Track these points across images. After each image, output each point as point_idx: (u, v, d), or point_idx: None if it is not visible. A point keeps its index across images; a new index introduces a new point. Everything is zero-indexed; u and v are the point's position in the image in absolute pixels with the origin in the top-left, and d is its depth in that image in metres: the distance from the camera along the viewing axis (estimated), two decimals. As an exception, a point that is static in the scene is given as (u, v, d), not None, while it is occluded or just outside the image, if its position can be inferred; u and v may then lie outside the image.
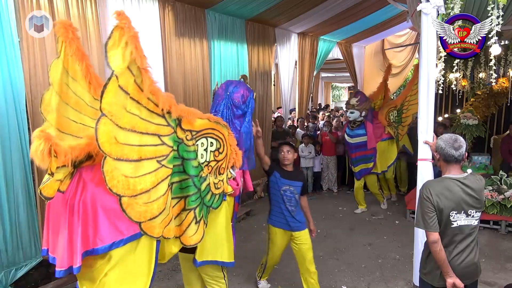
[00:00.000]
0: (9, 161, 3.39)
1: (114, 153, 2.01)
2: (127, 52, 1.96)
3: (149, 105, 2.14)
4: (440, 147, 2.34)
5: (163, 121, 2.21)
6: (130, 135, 2.06)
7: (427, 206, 2.28)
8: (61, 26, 2.30)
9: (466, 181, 2.31)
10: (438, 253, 2.26)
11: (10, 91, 3.36)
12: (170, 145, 2.26)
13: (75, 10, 3.78)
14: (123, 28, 1.95)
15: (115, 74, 1.95)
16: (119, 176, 2.05)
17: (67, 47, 2.31)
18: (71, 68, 2.35)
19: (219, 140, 2.61)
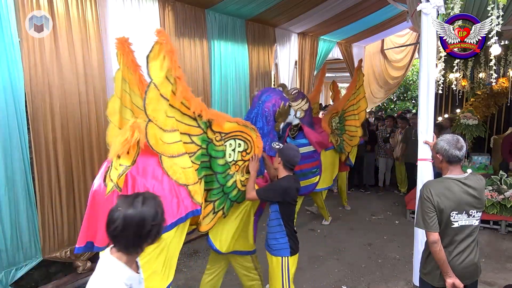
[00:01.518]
0: (9, 161, 3.39)
1: (166, 152, 2.39)
2: (165, 64, 2.28)
3: (181, 108, 2.49)
4: (444, 148, 2.32)
5: (194, 123, 2.58)
6: (173, 134, 2.41)
7: (428, 206, 2.28)
8: (119, 41, 2.70)
9: (467, 181, 2.31)
10: (438, 253, 2.26)
11: (10, 91, 3.36)
12: (198, 144, 2.62)
13: (75, 10, 3.78)
14: (162, 44, 2.26)
15: (154, 83, 2.26)
16: (179, 169, 2.43)
17: (124, 59, 2.68)
18: (127, 76, 2.71)
19: (247, 142, 2.95)
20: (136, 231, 1.45)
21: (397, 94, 15.02)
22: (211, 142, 2.70)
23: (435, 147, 2.41)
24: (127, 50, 2.70)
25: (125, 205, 1.46)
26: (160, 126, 2.34)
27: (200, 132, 2.62)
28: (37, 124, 3.58)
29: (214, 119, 2.67)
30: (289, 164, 2.87)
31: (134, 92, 2.76)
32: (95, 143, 4.05)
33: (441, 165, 2.40)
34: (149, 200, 1.50)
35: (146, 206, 1.47)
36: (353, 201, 6.63)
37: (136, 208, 1.45)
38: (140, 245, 1.49)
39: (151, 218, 1.46)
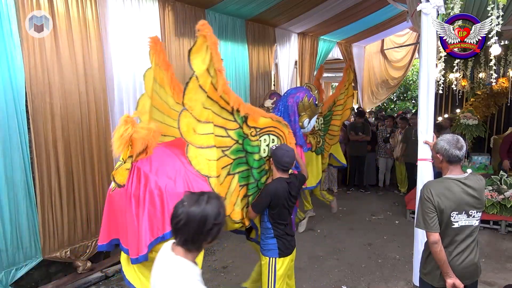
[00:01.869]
0: (9, 161, 3.39)
1: (195, 142, 2.43)
2: (207, 57, 2.31)
3: (220, 101, 2.50)
4: (444, 148, 2.31)
5: (231, 117, 2.60)
6: (206, 126, 2.45)
7: (428, 207, 2.28)
8: (151, 40, 2.76)
9: (467, 181, 2.30)
10: (439, 253, 2.26)
11: (10, 91, 3.36)
12: (234, 138, 2.65)
13: (75, 10, 3.78)
14: (205, 36, 2.28)
15: (196, 75, 2.31)
16: (204, 160, 2.46)
17: (156, 58, 2.73)
18: (158, 76, 2.76)
19: (280, 137, 2.99)
20: (198, 228, 1.47)
21: (397, 94, 15.01)
22: (247, 137, 2.73)
23: (435, 147, 2.40)
24: (159, 49, 2.76)
25: (190, 201, 1.50)
26: (195, 116, 2.38)
27: (236, 127, 2.64)
28: (37, 124, 3.58)
29: (250, 114, 2.69)
30: (279, 165, 2.77)
31: (166, 92, 2.84)
32: (95, 143, 4.05)
33: (441, 165, 2.39)
34: (213, 199, 1.53)
35: (210, 205, 1.50)
36: (353, 201, 6.63)
37: (200, 206, 1.48)
38: (199, 242, 1.51)
39: (213, 217, 1.49)
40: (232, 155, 2.65)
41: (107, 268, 4.23)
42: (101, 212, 4.17)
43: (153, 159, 2.41)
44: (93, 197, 4.08)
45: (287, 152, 2.79)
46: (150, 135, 2.33)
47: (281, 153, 2.77)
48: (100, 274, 4.12)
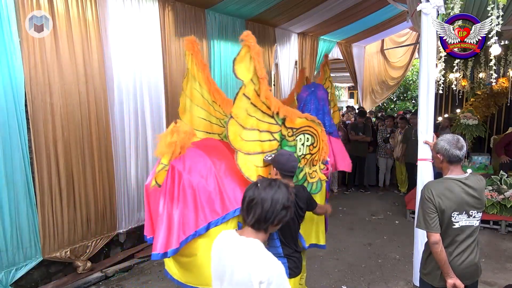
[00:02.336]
0: (9, 161, 3.39)
1: (243, 149, 2.55)
2: (251, 66, 2.50)
3: (262, 107, 2.63)
4: (444, 148, 2.31)
5: (272, 120, 2.70)
6: (251, 133, 2.58)
7: (429, 207, 2.27)
8: (188, 41, 2.92)
9: (467, 181, 2.30)
10: (439, 254, 2.25)
11: (10, 91, 3.36)
12: (278, 140, 2.76)
13: (75, 10, 3.78)
14: (249, 46, 2.50)
15: (244, 83, 2.49)
16: (252, 167, 2.57)
17: (194, 58, 2.88)
18: (197, 75, 2.91)
19: (314, 136, 3.04)
20: (269, 209, 1.56)
21: (397, 94, 15.00)
22: (285, 138, 2.82)
23: (435, 147, 2.39)
24: (196, 50, 2.90)
25: (263, 184, 1.60)
26: (240, 123, 2.52)
27: (278, 129, 2.75)
28: (37, 124, 3.58)
29: (287, 116, 2.77)
30: (286, 172, 2.55)
31: (205, 90, 2.99)
32: (95, 143, 4.05)
33: (442, 165, 2.38)
34: (283, 186, 1.62)
35: (281, 190, 1.59)
36: (353, 201, 6.63)
37: (272, 189, 1.58)
38: (268, 223, 1.58)
39: (283, 201, 1.58)
40: None
41: (107, 268, 4.23)
42: (101, 212, 4.19)
43: (186, 158, 2.52)
44: (93, 197, 4.08)
45: (290, 156, 2.63)
46: (186, 138, 2.48)
47: (285, 158, 2.58)
48: (100, 274, 4.12)
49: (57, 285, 3.86)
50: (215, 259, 1.67)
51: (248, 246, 1.56)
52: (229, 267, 1.58)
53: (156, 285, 3.98)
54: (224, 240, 1.65)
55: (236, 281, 1.54)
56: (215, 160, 2.62)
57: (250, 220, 1.59)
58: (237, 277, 1.53)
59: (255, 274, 1.48)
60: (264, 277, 1.46)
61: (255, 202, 1.57)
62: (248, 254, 1.54)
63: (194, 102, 2.97)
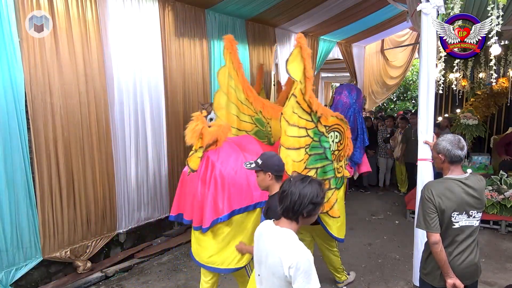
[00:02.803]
0: (9, 161, 3.39)
1: (285, 144, 2.77)
2: (302, 66, 2.72)
3: (304, 105, 2.83)
4: (446, 148, 2.30)
5: (309, 118, 2.89)
6: (293, 129, 2.80)
7: (429, 207, 2.27)
8: (227, 40, 3.11)
9: (467, 181, 2.30)
10: (439, 254, 2.25)
11: (10, 91, 3.36)
12: (311, 136, 2.93)
13: (75, 10, 3.78)
14: (302, 48, 2.74)
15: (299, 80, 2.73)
16: (290, 161, 2.75)
17: (232, 57, 3.06)
18: (232, 73, 3.08)
19: (341, 133, 3.24)
20: (296, 201, 1.69)
21: (397, 94, 15.01)
22: (323, 134, 3.01)
23: (436, 148, 2.37)
24: (234, 48, 3.08)
25: (296, 179, 1.76)
26: (286, 119, 2.77)
27: (313, 126, 2.94)
28: (37, 124, 3.58)
29: (323, 114, 2.97)
30: (279, 172, 2.48)
31: (238, 88, 3.14)
32: (95, 143, 4.05)
33: (443, 165, 2.37)
34: (315, 183, 1.76)
35: (311, 186, 1.73)
36: (353, 201, 6.62)
37: (302, 184, 1.72)
38: (297, 214, 1.72)
39: (309, 197, 1.70)
40: (310, 151, 2.95)
41: (107, 268, 4.23)
42: (101, 212, 4.20)
43: (221, 151, 2.78)
44: (93, 197, 4.08)
45: (276, 155, 2.57)
46: (220, 131, 2.73)
47: (276, 158, 2.50)
48: (100, 274, 4.12)
49: (57, 285, 3.86)
50: (255, 245, 1.87)
51: (281, 234, 1.73)
52: (265, 251, 1.77)
53: (156, 285, 3.98)
54: (263, 229, 1.84)
55: (270, 264, 1.72)
56: (247, 156, 2.89)
57: (280, 209, 1.76)
58: (271, 261, 1.71)
59: (285, 259, 1.65)
60: (293, 262, 1.62)
61: (285, 194, 1.73)
62: (280, 241, 1.71)
63: (230, 99, 3.14)
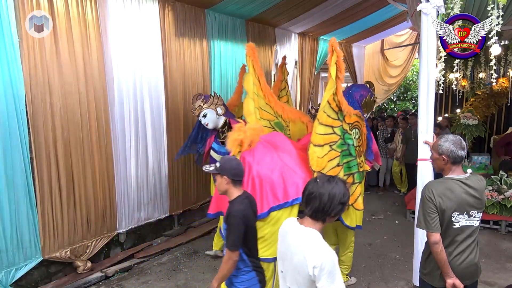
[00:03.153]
0: (9, 161, 3.39)
1: (314, 141, 2.97)
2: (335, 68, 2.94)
3: (333, 104, 3.03)
4: (450, 149, 2.29)
5: (335, 116, 3.08)
6: (321, 127, 3.00)
7: (429, 207, 2.26)
8: (250, 48, 3.32)
9: (468, 181, 2.29)
10: (439, 254, 2.25)
11: (10, 91, 3.36)
12: (338, 134, 3.10)
13: (75, 10, 3.78)
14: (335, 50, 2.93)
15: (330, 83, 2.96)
16: (315, 158, 2.95)
17: (255, 64, 3.25)
18: (255, 80, 3.26)
19: (360, 129, 3.39)
20: (326, 202, 1.70)
21: (397, 94, 14.99)
22: (347, 132, 3.16)
23: (438, 149, 2.35)
24: (256, 56, 3.28)
25: (322, 180, 1.76)
26: (317, 118, 2.97)
27: (339, 124, 3.11)
28: (37, 124, 3.58)
29: (348, 113, 3.14)
30: (238, 177, 2.40)
31: (259, 95, 3.33)
32: (95, 143, 4.05)
33: (445, 166, 2.35)
34: (341, 182, 1.77)
35: (338, 186, 1.73)
36: (353, 201, 6.61)
37: (331, 185, 1.72)
38: (325, 215, 1.73)
39: (339, 196, 1.72)
40: (338, 148, 3.11)
41: (107, 268, 4.23)
42: (101, 212, 4.20)
43: (255, 151, 2.94)
44: (93, 197, 4.08)
45: (236, 159, 2.52)
46: (254, 134, 2.92)
47: (235, 162, 2.43)
48: (100, 274, 4.12)
49: (57, 285, 3.86)
50: (279, 242, 1.88)
51: (305, 234, 1.74)
52: (289, 250, 1.78)
53: (156, 285, 3.98)
54: (288, 226, 1.85)
55: (295, 263, 1.74)
56: (281, 155, 3.06)
57: (308, 211, 1.76)
58: (296, 260, 1.73)
59: (309, 259, 1.66)
60: (318, 263, 1.63)
61: (314, 195, 1.72)
62: (305, 241, 1.72)
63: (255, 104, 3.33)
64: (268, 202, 2.85)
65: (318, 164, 2.97)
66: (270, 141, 3.20)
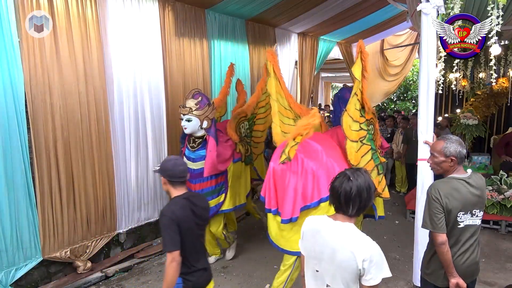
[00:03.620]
0: (9, 161, 3.39)
1: (350, 137, 3.17)
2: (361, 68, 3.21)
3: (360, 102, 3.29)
4: (458, 150, 2.29)
5: (360, 113, 3.31)
6: (354, 124, 3.21)
7: (436, 207, 2.25)
8: (270, 53, 3.49)
9: (470, 180, 2.30)
10: (445, 254, 2.25)
11: (10, 91, 3.36)
12: (365, 129, 3.36)
13: (75, 10, 3.78)
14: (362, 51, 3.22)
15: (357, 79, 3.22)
16: (353, 152, 3.19)
17: (275, 69, 3.42)
18: (277, 83, 3.44)
19: (374, 125, 3.64)
20: (367, 195, 1.72)
21: (397, 94, 15.02)
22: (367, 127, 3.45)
23: (445, 151, 2.31)
24: (276, 60, 3.47)
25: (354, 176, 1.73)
26: (350, 115, 3.16)
27: (364, 120, 3.35)
28: (37, 124, 3.57)
29: (368, 109, 3.42)
30: (174, 178, 2.31)
31: (282, 96, 3.53)
32: (95, 143, 4.05)
33: (452, 167, 2.34)
34: (366, 173, 1.78)
35: (368, 175, 1.77)
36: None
37: (365, 177, 1.74)
38: (365, 208, 1.76)
39: (373, 187, 1.77)
40: (367, 142, 3.37)
41: (107, 268, 4.22)
42: (101, 212, 4.20)
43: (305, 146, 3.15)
44: (93, 197, 4.08)
45: (177, 160, 2.40)
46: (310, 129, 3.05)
47: (171, 163, 2.34)
48: (100, 274, 4.12)
49: (57, 285, 3.86)
50: (309, 240, 1.85)
51: (346, 229, 1.75)
52: (328, 248, 1.75)
53: (156, 285, 3.98)
54: (319, 224, 1.83)
55: (339, 260, 1.71)
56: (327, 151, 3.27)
57: (351, 212, 1.73)
58: (340, 257, 1.70)
59: (358, 253, 1.67)
60: (367, 255, 1.66)
61: (354, 194, 1.70)
62: (348, 237, 1.72)
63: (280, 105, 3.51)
64: (320, 193, 3.01)
65: (356, 159, 3.21)
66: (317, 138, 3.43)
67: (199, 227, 2.39)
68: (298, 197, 2.98)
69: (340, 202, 1.74)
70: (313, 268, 1.83)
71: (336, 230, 1.76)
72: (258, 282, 4.01)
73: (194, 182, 4.00)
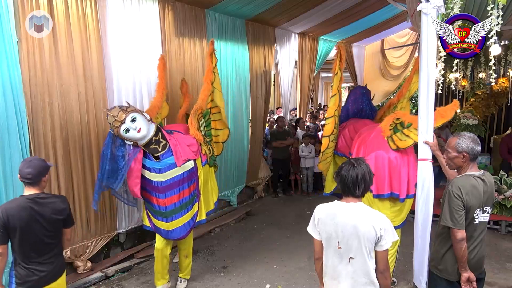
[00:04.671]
0: (9, 161, 3.39)
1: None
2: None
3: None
4: (471, 146, 2.36)
5: None
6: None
7: (458, 204, 2.31)
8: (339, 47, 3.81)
9: (484, 177, 2.38)
10: (464, 250, 2.32)
11: (10, 92, 3.35)
12: None
13: (74, 10, 3.78)
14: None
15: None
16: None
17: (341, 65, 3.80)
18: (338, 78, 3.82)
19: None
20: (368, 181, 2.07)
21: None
22: None
23: (457, 147, 2.40)
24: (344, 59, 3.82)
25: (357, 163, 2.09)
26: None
27: None
28: (36, 124, 3.57)
29: None
30: (21, 178, 2.40)
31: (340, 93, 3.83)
32: (94, 143, 4.04)
33: (464, 164, 2.41)
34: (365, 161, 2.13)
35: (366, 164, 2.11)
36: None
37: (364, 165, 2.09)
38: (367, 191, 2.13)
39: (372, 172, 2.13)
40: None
41: (107, 268, 4.22)
42: (101, 212, 4.19)
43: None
44: (93, 197, 4.07)
45: (30, 162, 2.41)
46: None
47: (23, 164, 2.41)
48: (100, 274, 4.12)
49: (57, 285, 3.86)
50: (328, 224, 2.11)
51: (361, 208, 2.09)
52: (349, 226, 2.05)
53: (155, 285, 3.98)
54: (334, 209, 2.13)
55: (363, 232, 2.02)
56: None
57: (358, 193, 2.07)
58: (363, 230, 2.02)
59: (376, 224, 2.02)
60: (383, 225, 2.03)
61: (359, 178, 2.05)
62: (364, 213, 2.07)
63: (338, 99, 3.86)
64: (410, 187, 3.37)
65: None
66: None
67: (42, 232, 2.41)
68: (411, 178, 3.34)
69: (348, 186, 2.06)
70: (335, 247, 2.10)
71: (352, 210, 2.07)
72: (258, 282, 4.01)
73: (164, 196, 3.41)
